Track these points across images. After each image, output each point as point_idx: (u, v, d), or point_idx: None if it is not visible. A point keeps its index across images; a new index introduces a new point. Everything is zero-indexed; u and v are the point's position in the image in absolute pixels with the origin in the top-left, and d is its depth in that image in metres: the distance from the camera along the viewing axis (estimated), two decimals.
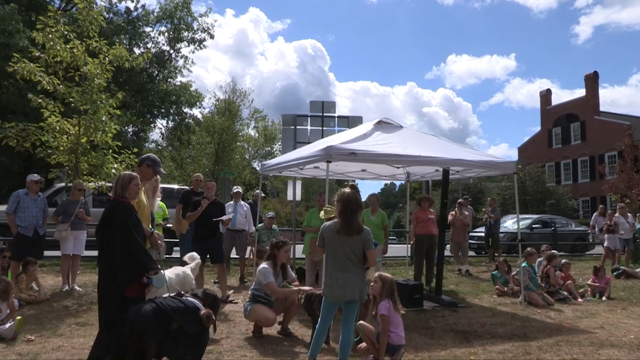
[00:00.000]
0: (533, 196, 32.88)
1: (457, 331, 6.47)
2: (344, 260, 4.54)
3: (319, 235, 4.71)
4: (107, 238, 4.61)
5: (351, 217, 4.54)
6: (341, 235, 4.52)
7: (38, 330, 5.98)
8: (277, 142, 38.93)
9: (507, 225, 18.89)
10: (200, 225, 8.10)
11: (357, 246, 4.55)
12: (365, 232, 4.59)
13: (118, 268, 4.53)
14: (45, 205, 8.77)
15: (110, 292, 4.55)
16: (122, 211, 4.67)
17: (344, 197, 4.60)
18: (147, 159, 5.60)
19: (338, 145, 7.19)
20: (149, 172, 5.61)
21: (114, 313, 4.50)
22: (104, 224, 4.66)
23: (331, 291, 4.57)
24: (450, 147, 8.36)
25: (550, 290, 9.08)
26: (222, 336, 6.00)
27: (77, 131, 10.17)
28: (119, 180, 4.78)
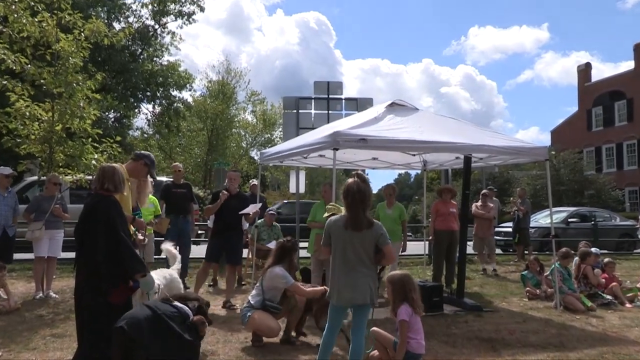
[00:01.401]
0: (569, 186, 32.66)
1: (483, 339, 6.42)
2: (353, 259, 4.47)
3: (324, 232, 4.65)
4: (89, 236, 4.59)
5: (357, 210, 4.47)
6: (349, 231, 4.45)
7: (6, 344, 5.93)
8: (278, 128, 38.99)
9: (539, 219, 18.78)
10: (219, 220, 8.23)
11: (367, 243, 4.48)
12: (377, 226, 4.53)
13: (101, 271, 4.50)
14: (16, 202, 8.75)
15: (91, 299, 4.51)
16: (106, 206, 4.65)
17: (345, 188, 4.57)
18: (146, 158, 5.72)
19: (346, 131, 7.18)
20: (142, 172, 5.70)
21: (97, 322, 4.45)
22: (86, 221, 4.64)
23: (338, 294, 4.51)
24: (473, 131, 8.29)
25: (591, 292, 8.97)
26: (218, 345, 5.98)
27: (50, 117, 10.11)
28: (105, 173, 4.81)
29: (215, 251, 8.37)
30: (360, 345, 4.53)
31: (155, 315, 4.40)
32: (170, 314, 4.51)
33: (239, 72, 40.24)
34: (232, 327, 6.84)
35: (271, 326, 5.94)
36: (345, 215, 4.54)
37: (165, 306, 4.60)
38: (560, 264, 8.76)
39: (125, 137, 28.24)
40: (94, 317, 4.49)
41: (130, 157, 5.78)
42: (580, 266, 9.34)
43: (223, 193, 8.26)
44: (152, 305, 4.51)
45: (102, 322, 4.44)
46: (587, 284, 9.12)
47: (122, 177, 4.92)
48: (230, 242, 8.24)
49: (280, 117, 35.88)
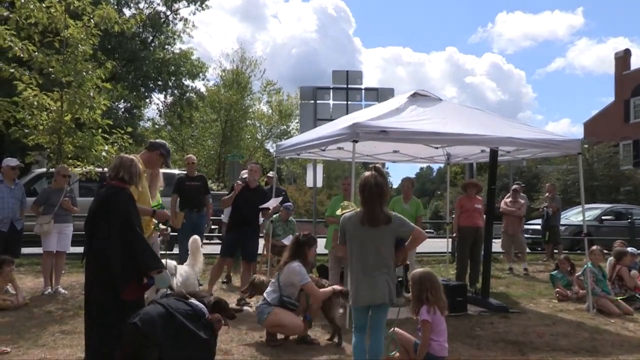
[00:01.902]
0: (603, 182, 32.17)
1: (509, 341, 6.40)
2: (371, 256, 4.48)
3: (339, 229, 4.65)
4: (101, 229, 4.63)
5: (374, 205, 4.48)
6: (366, 227, 4.45)
7: (15, 340, 6.03)
8: (294, 119, 38.98)
9: (570, 217, 18.58)
10: (235, 214, 8.28)
11: (386, 239, 4.49)
12: (396, 219, 4.55)
13: (114, 266, 4.55)
14: (23, 195, 8.87)
15: (100, 293, 4.57)
16: (123, 199, 4.72)
17: (361, 182, 4.58)
18: (162, 148, 5.85)
19: (366, 122, 7.18)
20: (157, 162, 5.83)
21: (107, 317, 4.50)
22: (98, 213, 4.68)
23: (356, 294, 4.51)
24: (499, 123, 8.24)
25: (628, 295, 8.86)
26: (232, 344, 6.04)
27: (59, 107, 10.21)
28: (122, 162, 4.90)
29: (231, 246, 8.44)
30: (378, 346, 4.54)
31: (168, 313, 4.45)
32: (183, 312, 4.56)
33: (254, 61, 40.32)
34: (246, 326, 6.88)
35: (296, 323, 5.96)
36: (362, 211, 4.53)
37: (179, 304, 4.65)
38: (592, 263, 8.67)
39: (136, 128, 28.46)
40: (103, 311, 4.54)
41: (144, 147, 5.84)
42: (615, 267, 9.22)
43: (237, 183, 8.31)
44: (165, 303, 4.57)
45: (112, 317, 4.49)
46: (622, 285, 9.00)
47: (139, 170, 4.99)
48: (245, 237, 8.29)
49: (296, 108, 35.87)
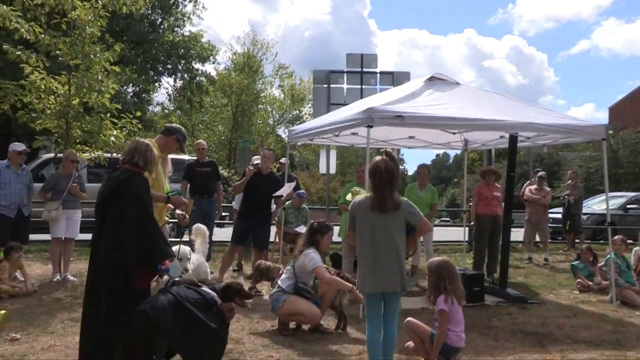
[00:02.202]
0: (628, 169, 31.90)
1: (528, 333, 6.39)
2: (382, 242, 4.49)
3: (348, 215, 4.66)
4: (115, 214, 4.64)
5: (385, 190, 4.49)
6: (375, 213, 4.46)
7: (24, 328, 6.12)
8: (307, 103, 38.96)
9: (592, 205, 18.45)
10: (247, 201, 8.35)
11: (396, 225, 4.51)
12: (405, 205, 4.57)
13: (129, 253, 4.56)
14: (31, 180, 8.94)
15: (110, 279, 4.57)
16: (137, 184, 4.73)
17: (372, 167, 4.58)
18: (179, 133, 5.88)
19: (381, 107, 7.19)
20: (173, 147, 5.86)
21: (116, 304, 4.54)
22: (111, 196, 4.69)
23: (367, 280, 4.50)
24: (519, 108, 8.22)
25: None
26: (243, 333, 6.09)
27: (66, 91, 10.26)
28: (138, 147, 4.90)
29: (242, 234, 8.48)
30: (393, 335, 4.56)
31: (178, 302, 4.47)
32: (193, 300, 4.57)
33: (266, 44, 40.20)
34: (257, 315, 6.94)
35: (313, 311, 5.99)
36: (371, 196, 4.53)
37: (189, 292, 4.67)
38: (615, 253, 8.61)
39: (145, 113, 28.54)
40: (112, 297, 4.54)
41: (160, 132, 5.87)
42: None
43: (249, 169, 8.33)
44: (175, 291, 4.59)
45: (122, 304, 4.50)
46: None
47: (153, 157, 4.99)
48: (257, 224, 8.33)
49: (309, 93, 35.81)
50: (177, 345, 4.41)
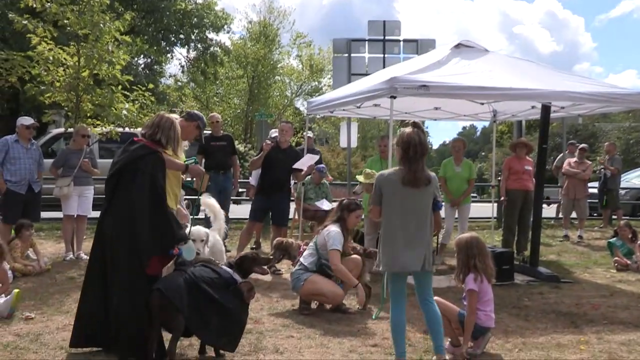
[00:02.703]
0: None
1: (561, 313, 6.38)
2: (411, 219, 4.47)
3: (374, 189, 4.64)
4: (128, 191, 4.66)
5: (419, 164, 4.46)
6: (407, 188, 4.44)
7: (38, 307, 6.25)
8: (327, 74, 38.73)
9: (632, 179, 18.22)
10: (266, 176, 8.39)
11: (426, 201, 4.51)
12: (434, 181, 4.57)
13: (142, 235, 4.58)
14: (41, 156, 9.02)
15: (125, 264, 4.61)
16: (154, 164, 4.73)
17: (405, 139, 4.52)
18: (201, 120, 5.92)
19: (405, 77, 7.14)
20: (193, 133, 5.89)
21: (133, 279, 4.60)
22: (126, 171, 4.70)
23: (392, 260, 4.48)
24: (553, 76, 8.12)
25: None
26: (263, 313, 6.15)
27: (76, 62, 10.29)
28: (162, 123, 4.91)
29: (260, 210, 8.53)
30: (436, 313, 4.57)
31: (192, 281, 4.52)
32: (209, 280, 4.61)
33: (283, 12, 39.92)
34: (277, 294, 7.01)
35: (335, 291, 6.03)
36: (402, 170, 4.49)
37: (205, 271, 4.71)
38: None
39: (158, 85, 28.62)
40: (121, 276, 4.61)
41: (182, 116, 5.90)
42: None
43: (266, 143, 8.33)
44: (190, 271, 4.64)
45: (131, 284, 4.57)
46: None
47: (178, 135, 4.99)
48: (276, 200, 8.37)
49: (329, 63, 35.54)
50: (192, 326, 4.47)
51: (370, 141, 46.11)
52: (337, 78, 14.14)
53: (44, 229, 11.56)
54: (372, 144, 44.16)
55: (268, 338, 5.28)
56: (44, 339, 5.13)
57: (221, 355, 4.70)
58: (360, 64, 14.04)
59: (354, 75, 13.38)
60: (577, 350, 5.11)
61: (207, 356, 4.74)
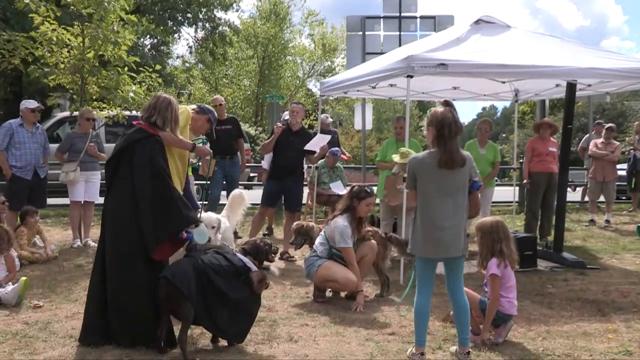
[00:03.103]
0: None
1: (587, 300, 6.35)
2: (448, 203, 4.43)
3: (407, 173, 4.61)
4: (128, 173, 4.67)
5: (454, 144, 4.42)
6: (443, 170, 4.42)
7: (46, 295, 6.32)
8: (340, 54, 38.63)
9: None
10: (278, 160, 8.40)
11: (462, 182, 4.47)
12: (469, 160, 4.51)
13: (145, 220, 4.59)
14: (46, 140, 9.06)
15: (131, 252, 4.63)
16: (152, 147, 4.73)
17: (439, 118, 4.45)
18: (212, 114, 5.92)
19: (422, 55, 7.12)
20: (203, 127, 5.89)
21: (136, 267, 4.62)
22: (123, 156, 4.71)
23: (425, 244, 4.45)
24: (579, 52, 8.03)
25: None
26: (276, 300, 6.19)
27: (80, 43, 10.28)
28: (157, 104, 4.88)
29: (272, 195, 8.55)
30: (466, 304, 4.56)
31: (202, 269, 4.52)
32: (219, 268, 4.60)
33: None
34: (291, 281, 7.05)
35: (348, 277, 6.04)
36: (436, 152, 4.44)
37: (216, 258, 4.70)
38: None
39: (165, 66, 28.65)
40: (122, 263, 4.63)
41: (192, 109, 5.89)
42: None
43: (278, 126, 8.31)
44: (200, 258, 4.64)
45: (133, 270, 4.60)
46: None
47: (175, 115, 4.94)
48: (289, 185, 8.38)
49: (342, 42, 35.47)
50: (200, 317, 4.48)
51: (386, 123, 45.97)
52: (351, 57, 14.12)
53: (50, 216, 11.67)
54: (387, 126, 44.06)
55: (282, 326, 5.31)
56: (53, 328, 5.19)
57: (234, 344, 4.72)
58: (375, 43, 13.99)
59: (368, 55, 13.34)
60: (604, 339, 5.09)
61: (219, 345, 4.77)
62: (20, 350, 4.61)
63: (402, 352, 4.63)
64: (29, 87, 19.88)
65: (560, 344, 4.92)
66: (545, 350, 4.77)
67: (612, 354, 4.73)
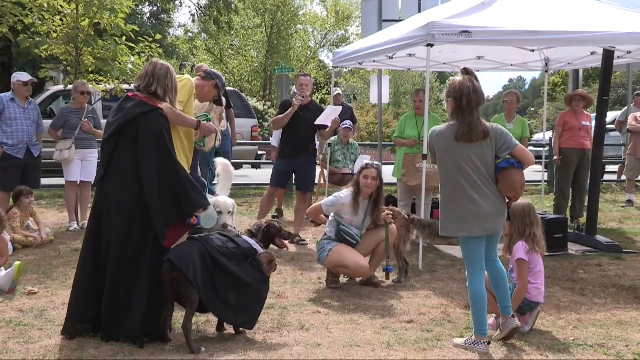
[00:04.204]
0: None
1: (623, 287, 6.34)
2: (473, 178, 4.42)
3: (428, 148, 4.61)
4: (132, 153, 4.62)
5: (473, 115, 4.40)
6: (461, 144, 4.40)
7: (42, 280, 6.38)
8: (354, 22, 38.46)
9: None
10: (288, 137, 8.39)
11: (485, 157, 4.43)
12: (495, 132, 4.46)
13: (153, 204, 4.57)
14: (39, 116, 9.06)
15: (137, 243, 4.62)
16: (157, 122, 4.67)
17: (457, 88, 4.44)
18: (219, 79, 5.86)
19: (443, 22, 7.08)
20: (210, 94, 5.86)
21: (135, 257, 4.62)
22: (124, 133, 4.65)
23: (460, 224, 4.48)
24: (618, 15, 7.89)
25: None
26: (286, 286, 6.22)
27: (74, 10, 10.27)
28: (156, 70, 4.79)
29: (282, 175, 8.55)
30: (502, 271, 4.65)
31: (207, 252, 4.54)
32: (226, 250, 4.63)
33: None
34: (302, 266, 7.07)
35: (359, 262, 6.07)
36: (455, 124, 4.44)
37: (221, 240, 4.72)
38: None
39: (166, 36, 28.63)
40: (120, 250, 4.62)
41: (198, 74, 5.86)
42: None
43: (297, 98, 8.22)
44: (205, 240, 4.66)
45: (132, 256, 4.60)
46: None
47: (175, 83, 4.87)
48: (300, 163, 8.39)
49: (357, 8, 35.29)
50: (207, 303, 4.50)
51: (404, 97, 45.74)
52: (367, 25, 13.99)
53: (44, 197, 11.73)
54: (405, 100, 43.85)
55: (292, 314, 5.33)
56: (49, 315, 5.24)
57: (241, 332, 4.76)
58: (393, 9, 13.86)
59: (385, 22, 13.21)
60: None
61: (225, 333, 4.80)
62: (15, 339, 4.65)
63: (421, 341, 4.66)
64: (19, 58, 19.88)
65: (593, 334, 4.92)
66: (577, 340, 4.77)
67: None
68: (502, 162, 4.46)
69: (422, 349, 4.54)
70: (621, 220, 10.55)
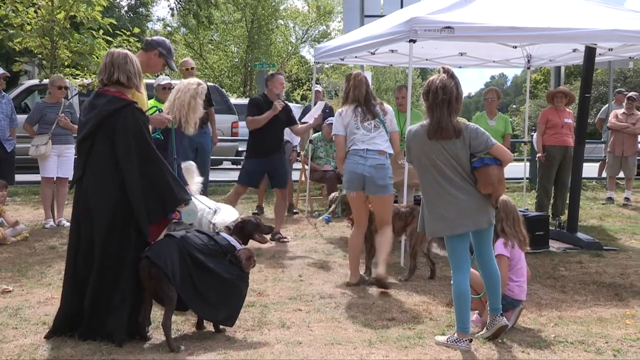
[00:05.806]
0: None
1: (603, 284, 6.39)
2: (449, 176, 4.45)
3: (405, 147, 4.64)
4: (111, 151, 4.57)
5: (441, 113, 4.43)
6: (434, 142, 4.43)
7: (16, 279, 6.33)
8: (336, 17, 38.38)
9: None
10: (262, 136, 8.30)
11: (459, 155, 4.45)
12: (469, 132, 4.47)
13: (137, 202, 4.53)
14: (13, 110, 9.00)
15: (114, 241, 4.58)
16: (134, 116, 4.61)
17: (426, 85, 4.51)
18: (161, 45, 5.66)
19: (426, 17, 7.09)
20: (157, 65, 5.71)
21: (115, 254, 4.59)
22: (100, 130, 4.59)
23: (439, 223, 4.51)
24: (600, 12, 7.95)
25: None
26: (267, 284, 6.21)
27: (49, 2, 10.17)
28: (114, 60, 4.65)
29: (255, 174, 8.45)
30: (497, 272, 4.66)
31: (185, 249, 4.53)
32: (204, 247, 4.62)
33: None
34: (283, 263, 7.08)
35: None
36: (427, 122, 4.49)
37: (199, 237, 4.72)
38: None
39: (144, 30, 28.44)
40: (104, 248, 4.57)
41: (140, 48, 5.72)
42: None
43: (279, 103, 8.17)
44: (182, 237, 4.64)
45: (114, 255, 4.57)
46: None
47: (137, 69, 4.74)
48: (275, 162, 8.34)
49: (339, 3, 35.24)
50: (186, 300, 4.50)
51: (386, 93, 45.82)
52: (348, 21, 14.02)
53: (19, 194, 11.64)
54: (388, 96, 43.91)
55: (273, 312, 5.33)
56: (24, 314, 5.20)
57: (221, 331, 4.76)
58: (375, 4, 13.89)
59: (367, 17, 13.24)
60: (621, 325, 5.14)
61: (205, 331, 4.80)
62: None
63: (402, 339, 4.68)
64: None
65: (574, 330, 4.96)
66: (558, 336, 4.81)
67: (629, 340, 4.77)
68: (476, 162, 4.48)
69: (403, 346, 4.55)
70: (602, 218, 10.64)
